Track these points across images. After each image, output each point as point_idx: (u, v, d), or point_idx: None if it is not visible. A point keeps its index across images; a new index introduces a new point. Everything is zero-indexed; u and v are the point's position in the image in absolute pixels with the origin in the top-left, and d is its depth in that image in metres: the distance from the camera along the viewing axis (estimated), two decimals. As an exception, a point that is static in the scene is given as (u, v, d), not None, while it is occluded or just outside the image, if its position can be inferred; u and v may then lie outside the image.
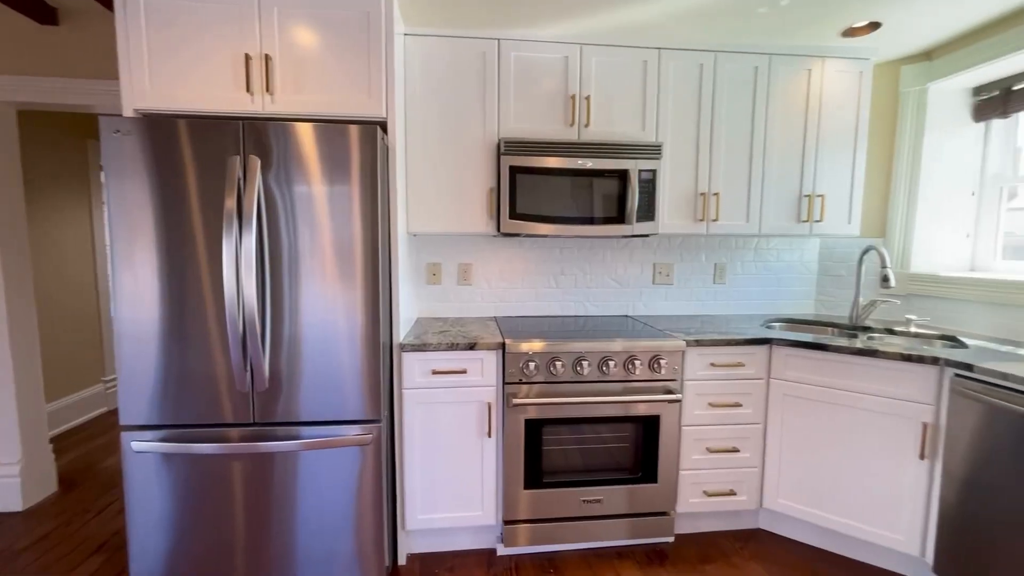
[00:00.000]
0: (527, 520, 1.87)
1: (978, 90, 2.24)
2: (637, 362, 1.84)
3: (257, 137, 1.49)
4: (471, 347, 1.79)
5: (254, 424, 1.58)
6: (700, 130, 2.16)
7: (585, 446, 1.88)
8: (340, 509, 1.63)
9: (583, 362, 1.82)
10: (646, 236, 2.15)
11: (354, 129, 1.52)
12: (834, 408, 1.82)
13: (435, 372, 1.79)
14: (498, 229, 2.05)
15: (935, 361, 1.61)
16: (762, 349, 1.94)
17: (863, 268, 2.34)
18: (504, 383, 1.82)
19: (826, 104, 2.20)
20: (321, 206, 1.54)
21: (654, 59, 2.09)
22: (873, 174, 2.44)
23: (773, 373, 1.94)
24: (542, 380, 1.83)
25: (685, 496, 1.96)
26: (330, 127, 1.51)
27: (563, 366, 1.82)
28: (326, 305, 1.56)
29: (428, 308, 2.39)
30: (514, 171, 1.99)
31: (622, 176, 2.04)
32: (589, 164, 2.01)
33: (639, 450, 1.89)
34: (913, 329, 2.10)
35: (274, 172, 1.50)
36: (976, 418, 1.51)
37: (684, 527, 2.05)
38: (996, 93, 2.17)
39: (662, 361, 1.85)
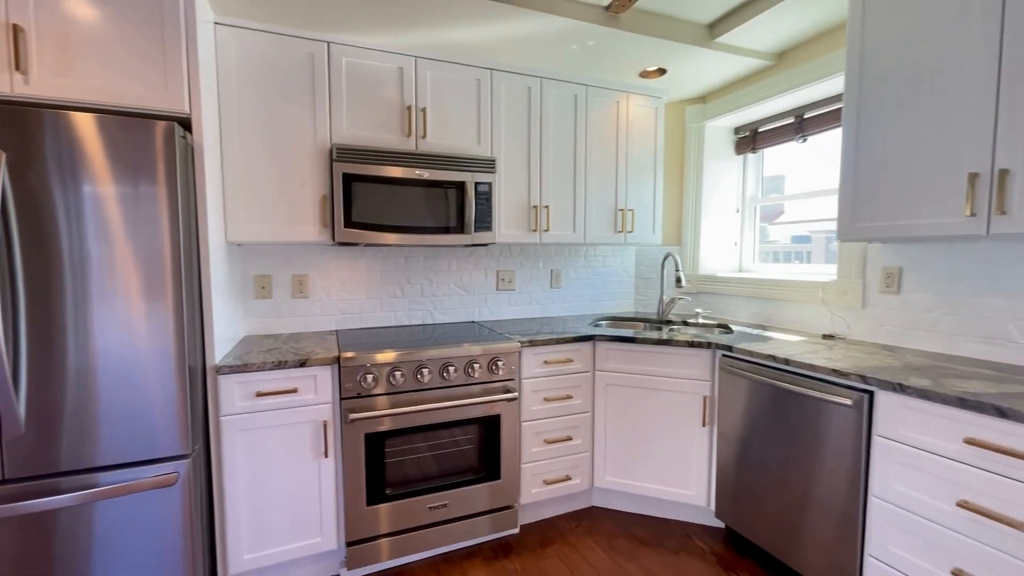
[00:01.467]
0: (372, 538, 1.82)
1: (737, 129, 2.85)
2: (477, 365, 1.93)
3: (9, 125, 1.21)
4: (302, 363, 1.69)
5: (5, 482, 1.27)
6: (531, 147, 2.35)
7: (430, 453, 1.90)
8: (144, 564, 1.39)
9: (424, 370, 1.84)
10: (486, 245, 2.27)
11: (146, 124, 1.33)
12: (644, 391, 2.13)
13: (260, 394, 1.64)
14: (333, 238, 1.97)
15: (709, 345, 2.00)
16: (587, 345, 2.18)
17: (665, 271, 2.79)
18: (341, 399, 1.75)
19: (632, 132, 2.58)
20: (111, 212, 1.32)
21: (487, 78, 2.23)
22: (670, 193, 2.93)
23: (597, 366, 2.20)
24: (382, 392, 1.80)
25: (527, 487, 2.10)
26: (114, 120, 1.30)
27: (403, 375, 1.82)
28: (122, 327, 1.33)
29: (258, 325, 2.18)
30: (349, 178, 1.94)
31: (460, 187, 2.12)
32: (426, 175, 2.05)
33: (482, 450, 1.98)
34: (700, 320, 2.57)
35: (39, 170, 1.24)
36: (737, 388, 1.91)
37: (528, 517, 2.19)
38: (748, 133, 2.78)
39: (500, 363, 1.96)
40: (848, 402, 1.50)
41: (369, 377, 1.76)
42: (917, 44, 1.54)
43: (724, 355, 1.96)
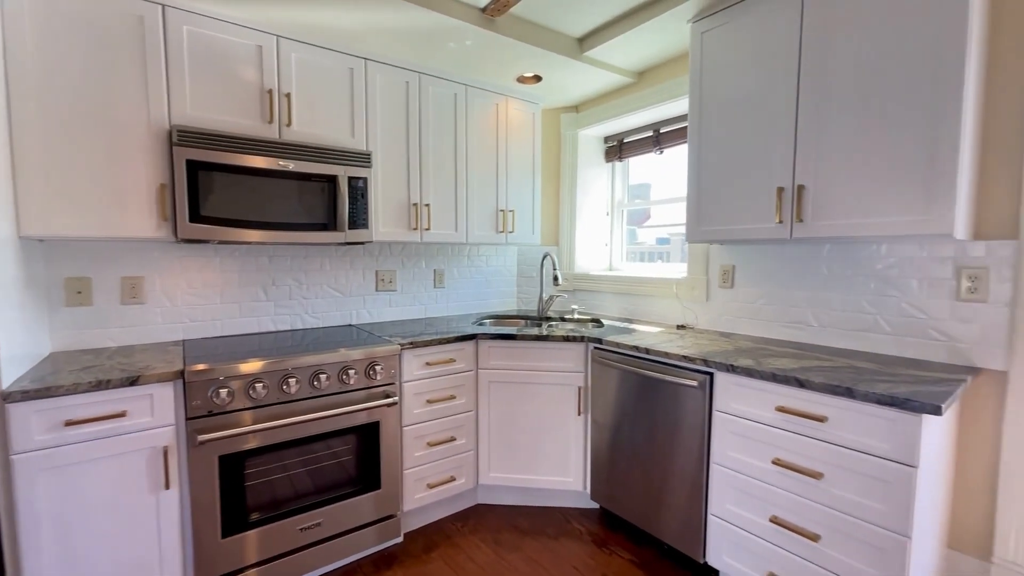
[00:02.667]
0: (233, 573, 1.61)
1: (606, 139, 3.10)
2: (353, 371, 1.81)
3: None
4: (133, 382, 1.43)
5: None
6: (410, 143, 2.29)
7: (302, 469, 1.74)
8: None
9: (291, 379, 1.68)
10: (364, 243, 2.15)
11: None
12: (525, 386, 2.20)
13: (71, 423, 1.35)
14: (176, 234, 1.70)
15: (582, 339, 2.13)
16: (470, 344, 2.19)
17: (544, 270, 2.92)
18: (187, 419, 1.52)
19: (511, 135, 2.65)
20: None
21: (360, 68, 2.11)
22: (548, 196, 3.08)
23: (480, 364, 2.22)
24: (241, 407, 1.60)
25: (410, 493, 2.04)
26: None
27: (266, 387, 1.64)
28: None
29: (73, 338, 1.80)
30: (195, 166, 1.69)
31: (332, 182, 1.98)
32: (292, 166, 1.88)
33: (361, 460, 1.87)
34: (576, 316, 2.74)
35: None
36: (607, 377, 2.06)
37: (413, 523, 2.13)
38: (615, 143, 3.04)
39: (379, 367, 1.87)
40: (695, 383, 1.71)
41: (224, 392, 1.56)
42: (741, 78, 1.82)
43: (596, 347, 2.11)
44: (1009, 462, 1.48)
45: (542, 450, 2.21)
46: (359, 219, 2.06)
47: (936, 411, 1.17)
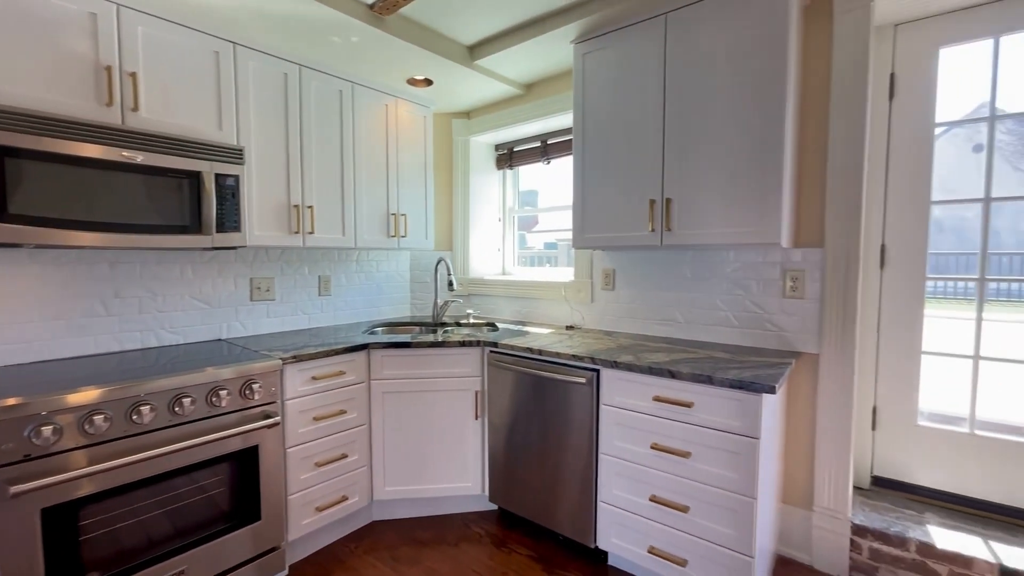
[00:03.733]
0: (61, 649, 1.32)
1: (497, 147, 3.17)
2: (224, 392, 1.61)
3: None
4: (-95, 427, 1.10)
5: None
6: (290, 141, 2.11)
7: (158, 511, 1.49)
8: None
9: (143, 407, 1.44)
10: (235, 248, 1.93)
11: None
12: (422, 394, 2.16)
13: None
14: (-29, 236, 1.36)
15: (478, 343, 2.16)
16: (361, 355, 2.08)
17: (438, 275, 2.89)
18: (-7, 467, 1.22)
19: (402, 138, 2.59)
20: None
21: (229, 52, 1.90)
22: (441, 200, 3.07)
23: (373, 375, 2.12)
24: (71, 447, 1.33)
25: (297, 520, 1.87)
26: None
27: (108, 419, 1.38)
28: None
29: None
30: (2, 152, 1.37)
31: (194, 178, 1.74)
32: (140, 158, 1.61)
33: (236, 490, 1.67)
34: (471, 320, 2.76)
35: None
36: (503, 380, 2.11)
37: (300, 552, 1.95)
38: (506, 151, 3.13)
39: (256, 385, 1.69)
40: (583, 380, 1.83)
41: (47, 430, 1.28)
42: (618, 99, 2.00)
43: (491, 351, 2.15)
44: (822, 427, 1.84)
45: (440, 458, 2.18)
46: (229, 221, 1.84)
47: (771, 390, 1.41)
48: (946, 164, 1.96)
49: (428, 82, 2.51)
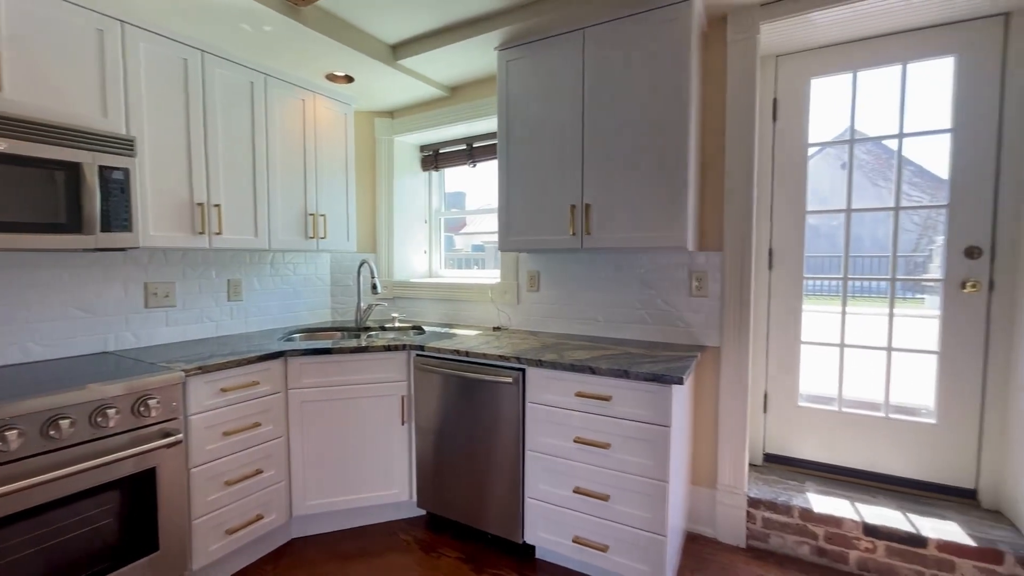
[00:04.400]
0: None
1: (422, 148, 3.14)
2: (112, 411, 1.44)
3: None
4: None
5: None
6: (192, 133, 1.93)
7: (30, 550, 1.30)
8: None
9: (7, 433, 1.24)
10: (124, 249, 1.73)
11: None
12: (345, 402, 2.07)
13: None
14: None
15: (404, 347, 2.12)
16: (277, 363, 1.96)
17: (361, 278, 2.80)
18: None
19: (321, 135, 2.48)
20: None
21: (116, 31, 1.70)
22: (364, 201, 2.97)
23: (290, 384, 2.01)
24: (-89, 483, 1.12)
25: (204, 546, 1.71)
26: None
27: (-38, 448, 1.18)
28: None
29: None
30: None
31: (73, 170, 1.54)
32: (4, 147, 1.40)
33: (128, 519, 1.49)
34: (397, 324, 2.70)
35: None
36: (431, 383, 2.09)
37: (207, 581, 1.79)
38: (431, 153, 3.10)
39: (152, 401, 1.53)
40: (510, 380, 1.87)
41: None
42: (541, 107, 2.07)
43: (418, 354, 2.12)
44: (724, 412, 2.03)
45: (365, 466, 2.12)
46: (117, 219, 1.65)
47: (680, 382, 1.54)
48: (820, 179, 2.27)
49: (349, 79, 2.42)
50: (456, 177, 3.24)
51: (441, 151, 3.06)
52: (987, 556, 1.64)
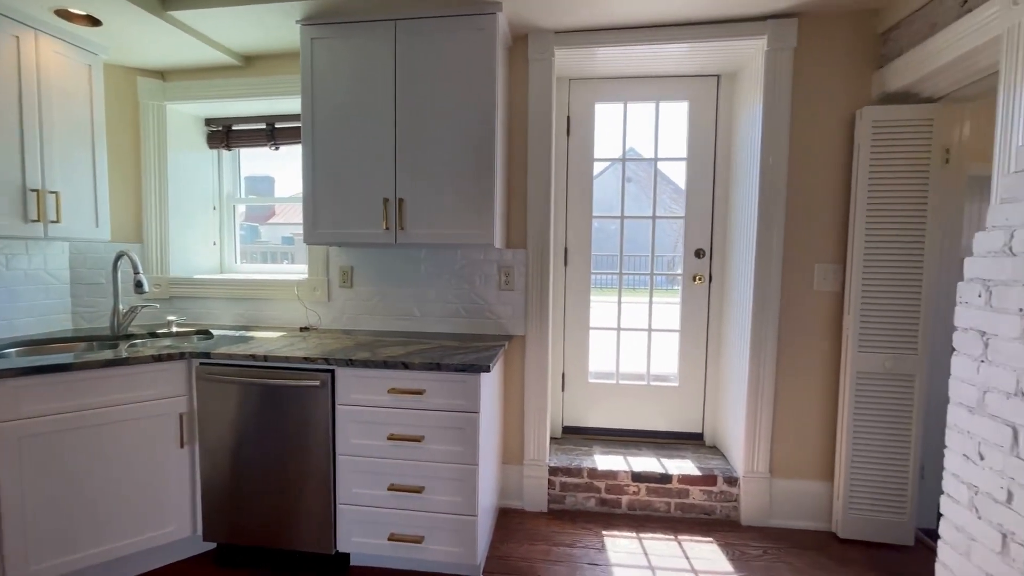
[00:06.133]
0: None
1: (208, 121, 2.67)
2: None
3: None
4: None
5: None
6: None
7: None
8: None
9: None
10: None
11: None
12: (96, 430, 1.64)
13: None
14: None
15: (181, 356, 1.79)
16: (-26, 389, 1.45)
17: (119, 274, 2.25)
18: None
19: (52, 89, 1.90)
20: None
21: None
22: (124, 179, 2.39)
23: (3, 415, 1.50)
24: None
25: None
26: None
27: None
28: None
29: None
30: None
31: None
32: None
33: None
34: (175, 329, 2.26)
35: None
36: (221, 396, 1.81)
37: None
38: (221, 128, 2.67)
39: None
40: (317, 383, 1.74)
41: None
42: (352, 92, 1.96)
43: (202, 363, 1.81)
44: (529, 394, 2.25)
45: (128, 505, 1.72)
46: None
47: (487, 369, 1.66)
48: (608, 189, 2.69)
49: (93, 21, 1.91)
50: (261, 160, 2.85)
51: (235, 128, 2.65)
52: (707, 481, 2.18)
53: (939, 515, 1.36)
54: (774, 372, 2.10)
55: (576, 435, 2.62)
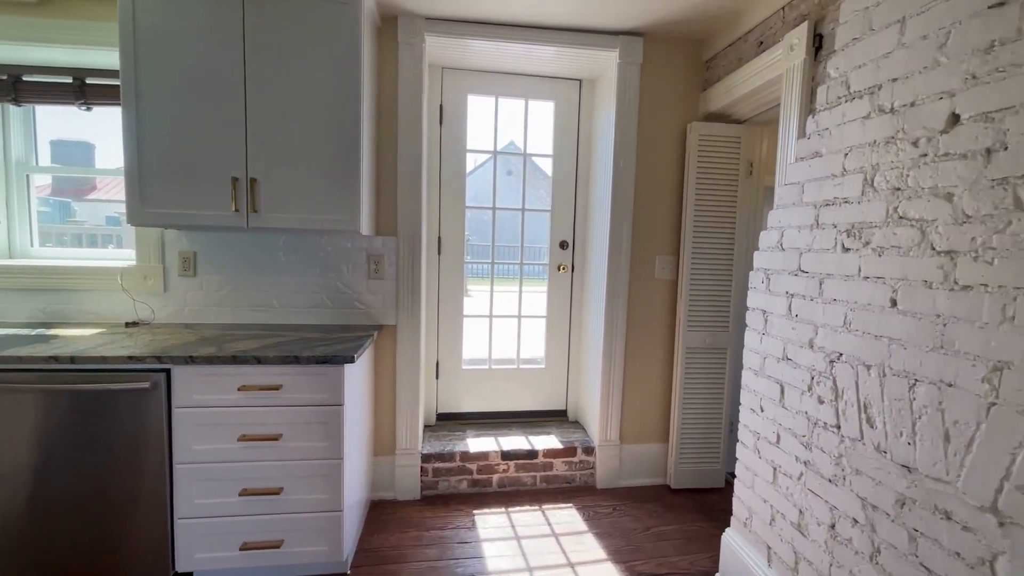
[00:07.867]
0: None
1: (-15, 67, 2.12)
2: None
3: None
4: None
5: None
6: None
7: None
8: None
9: None
10: None
11: None
12: None
13: None
14: None
15: (-54, 362, 1.42)
16: None
17: None
18: None
19: None
20: None
21: None
22: None
23: None
24: None
25: None
26: None
27: None
28: None
29: None
30: None
31: None
32: None
33: None
34: (-63, 329, 1.78)
35: None
36: (9, 409, 1.47)
37: None
38: (6, 77, 2.13)
39: None
40: (146, 385, 1.52)
41: None
42: (191, 49, 1.71)
43: (-21, 370, 1.46)
44: (401, 384, 2.23)
45: None
46: None
47: (351, 360, 1.60)
48: (484, 180, 2.74)
49: None
50: (74, 122, 2.34)
51: (27, 78, 2.14)
52: (569, 453, 2.40)
53: (736, 459, 1.69)
54: (623, 351, 2.37)
55: (451, 421, 2.67)
